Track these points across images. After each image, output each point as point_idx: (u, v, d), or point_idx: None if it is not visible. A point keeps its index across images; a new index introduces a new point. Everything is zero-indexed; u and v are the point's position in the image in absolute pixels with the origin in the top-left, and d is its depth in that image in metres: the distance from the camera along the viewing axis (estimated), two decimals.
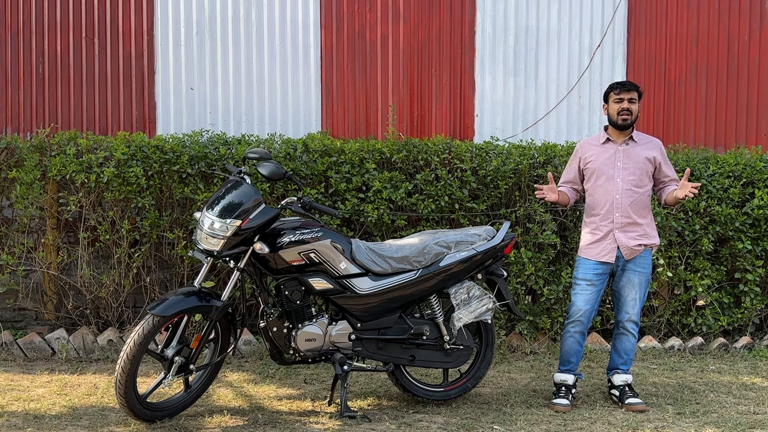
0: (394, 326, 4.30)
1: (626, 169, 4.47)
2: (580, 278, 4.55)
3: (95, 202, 5.55)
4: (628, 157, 4.48)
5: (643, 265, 4.51)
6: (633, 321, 4.54)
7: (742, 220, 5.88)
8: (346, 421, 4.08)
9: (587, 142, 4.69)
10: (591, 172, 4.55)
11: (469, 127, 6.88)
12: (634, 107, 4.47)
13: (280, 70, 6.74)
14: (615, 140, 4.53)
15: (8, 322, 5.80)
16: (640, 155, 4.49)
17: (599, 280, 4.51)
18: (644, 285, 4.53)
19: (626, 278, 4.51)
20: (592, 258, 4.51)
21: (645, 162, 4.49)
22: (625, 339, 4.56)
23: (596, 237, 4.50)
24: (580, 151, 4.65)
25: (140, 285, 5.64)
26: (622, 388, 4.52)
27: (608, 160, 4.51)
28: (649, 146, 4.55)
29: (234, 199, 3.97)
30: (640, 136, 4.58)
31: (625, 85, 4.51)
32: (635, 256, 4.47)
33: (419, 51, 6.81)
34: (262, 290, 4.22)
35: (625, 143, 4.51)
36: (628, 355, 4.57)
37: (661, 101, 7.00)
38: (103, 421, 4.04)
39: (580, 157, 4.63)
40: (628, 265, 4.50)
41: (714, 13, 7.01)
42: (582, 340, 4.55)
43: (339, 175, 5.57)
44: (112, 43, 6.59)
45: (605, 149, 4.54)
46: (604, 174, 4.50)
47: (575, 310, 4.52)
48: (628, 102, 4.46)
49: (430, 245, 4.32)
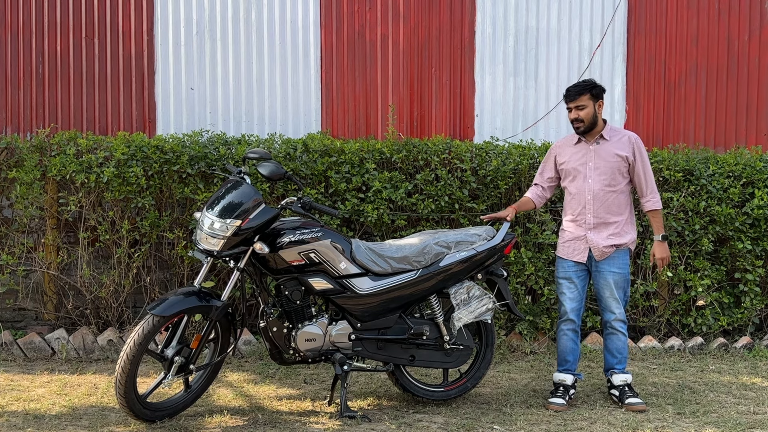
0: (394, 326, 4.31)
1: (597, 169, 4.46)
2: (561, 277, 4.59)
3: (95, 202, 5.55)
4: (598, 157, 4.47)
5: (618, 265, 4.48)
6: (619, 320, 4.51)
7: (742, 220, 5.88)
8: (346, 421, 4.08)
9: (562, 142, 4.69)
10: (566, 173, 4.59)
11: (469, 127, 6.88)
12: (583, 113, 4.43)
13: (280, 70, 6.74)
14: (587, 140, 4.52)
15: (8, 322, 5.80)
16: (611, 153, 4.45)
17: (579, 277, 4.53)
18: (621, 284, 4.50)
19: (602, 279, 4.50)
20: (567, 257, 4.55)
21: (616, 160, 4.45)
22: (615, 338, 4.55)
23: (570, 236, 4.54)
24: (555, 150, 4.67)
25: (140, 285, 5.64)
26: (622, 388, 4.51)
27: (580, 160, 4.51)
28: (621, 143, 4.48)
29: (234, 199, 3.98)
30: (613, 132, 4.51)
31: (570, 94, 4.46)
32: (607, 256, 4.46)
33: (419, 51, 6.81)
34: (262, 290, 4.22)
35: (596, 142, 4.49)
36: (621, 354, 4.56)
37: (661, 101, 7.00)
38: (103, 421, 4.04)
39: (555, 156, 4.65)
40: (602, 266, 4.48)
41: (714, 13, 7.00)
42: (576, 337, 4.57)
43: (339, 175, 5.57)
44: (112, 43, 6.59)
45: (578, 149, 4.55)
46: (577, 175, 4.51)
47: (564, 310, 4.56)
48: (576, 110, 4.44)
49: (430, 245, 4.33)
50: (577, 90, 4.45)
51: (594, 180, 4.45)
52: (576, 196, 4.52)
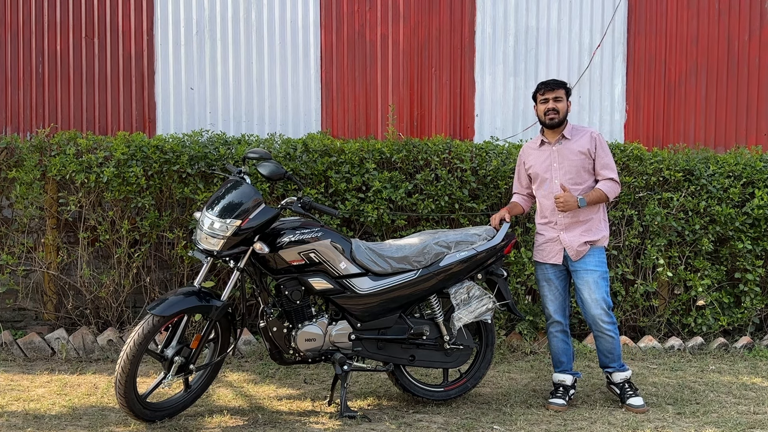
0: (394, 326, 4.30)
1: (561, 169, 4.46)
2: (540, 281, 4.59)
3: (95, 202, 5.55)
4: (561, 157, 4.47)
5: (595, 263, 4.44)
6: (602, 320, 4.43)
7: (742, 220, 5.88)
8: (346, 421, 4.08)
9: (527, 146, 4.70)
10: (533, 177, 4.60)
11: (469, 127, 6.88)
12: (560, 105, 4.44)
13: (280, 70, 6.74)
14: (549, 141, 4.53)
15: (8, 322, 5.80)
16: (573, 151, 4.46)
17: (558, 278, 4.53)
18: (600, 283, 4.44)
19: (580, 279, 4.46)
20: (543, 260, 4.55)
21: (579, 157, 4.44)
22: (602, 340, 4.49)
23: (543, 240, 4.54)
24: (523, 155, 4.68)
25: (140, 285, 5.64)
26: (622, 386, 4.49)
27: (544, 163, 4.52)
28: (583, 140, 4.48)
29: (234, 199, 3.97)
30: (574, 131, 4.52)
31: (549, 85, 4.48)
32: (583, 255, 4.44)
33: (419, 51, 6.81)
34: (262, 290, 4.22)
35: (558, 142, 4.49)
36: (612, 354, 4.51)
37: (661, 101, 7.00)
38: (103, 421, 4.04)
39: (523, 162, 4.66)
40: (578, 265, 4.45)
41: (714, 13, 7.01)
42: (566, 337, 4.57)
43: (339, 175, 5.57)
44: (112, 43, 6.60)
45: (542, 152, 4.55)
46: (543, 177, 4.52)
47: (548, 313, 4.57)
48: (554, 101, 4.44)
49: (430, 245, 4.32)
50: (556, 83, 4.51)
51: (561, 180, 4.45)
52: (544, 199, 4.53)
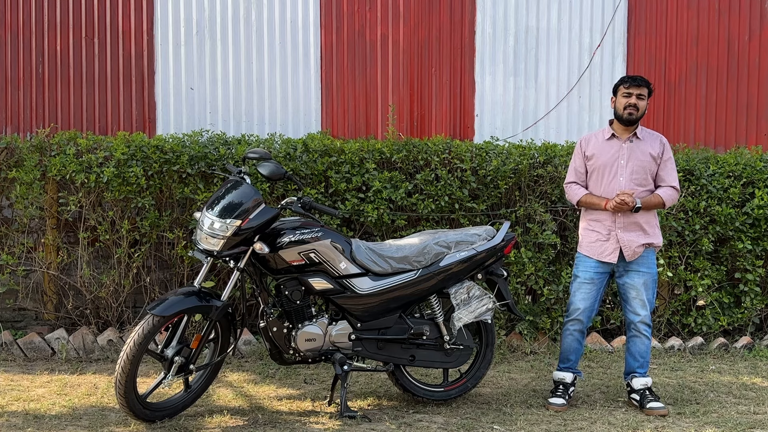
0: (394, 326, 4.30)
1: (630, 167, 4.40)
2: (580, 276, 4.49)
3: (95, 202, 5.55)
4: (632, 155, 4.41)
5: (647, 265, 4.43)
6: (644, 323, 4.43)
7: (742, 220, 5.88)
8: (346, 421, 4.08)
9: (591, 136, 4.59)
10: (594, 168, 4.48)
11: (469, 127, 6.88)
12: (641, 103, 4.39)
13: (280, 70, 6.74)
14: (620, 136, 4.45)
15: (8, 322, 5.80)
16: (644, 152, 4.42)
17: (599, 279, 4.46)
18: (650, 285, 4.44)
19: (630, 279, 4.42)
20: (594, 257, 4.45)
21: (648, 159, 4.41)
22: (638, 342, 4.47)
23: (598, 236, 4.43)
24: (584, 144, 4.56)
25: (140, 285, 5.64)
26: (643, 392, 4.43)
27: (612, 157, 4.43)
28: (654, 143, 4.46)
29: (234, 199, 3.97)
30: (645, 133, 4.49)
31: (636, 80, 4.42)
32: (638, 256, 4.42)
33: (419, 51, 6.81)
34: (262, 290, 4.22)
35: (629, 140, 4.44)
36: (644, 357, 4.48)
37: (661, 101, 7.00)
38: (103, 421, 4.04)
39: (584, 151, 4.54)
40: (631, 266, 4.42)
41: (714, 13, 7.01)
42: (581, 338, 4.52)
43: (339, 175, 5.57)
44: (112, 43, 6.59)
45: (609, 145, 4.46)
46: (608, 171, 4.42)
47: (574, 309, 4.49)
48: (636, 98, 4.39)
49: (430, 245, 4.32)
50: (643, 80, 4.44)
51: (626, 178, 4.38)
52: (605, 194, 4.41)
